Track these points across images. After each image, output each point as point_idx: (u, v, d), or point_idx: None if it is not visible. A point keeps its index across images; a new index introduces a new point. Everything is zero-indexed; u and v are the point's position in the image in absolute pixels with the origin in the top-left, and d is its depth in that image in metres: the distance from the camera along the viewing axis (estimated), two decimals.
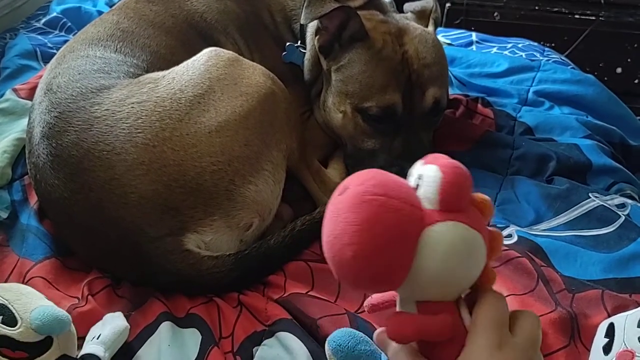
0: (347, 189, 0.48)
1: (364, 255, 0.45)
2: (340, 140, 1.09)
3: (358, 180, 0.48)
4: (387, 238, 0.45)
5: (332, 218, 0.48)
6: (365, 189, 0.47)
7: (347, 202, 0.47)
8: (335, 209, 0.48)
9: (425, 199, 0.48)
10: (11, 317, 0.63)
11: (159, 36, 1.04)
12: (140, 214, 0.79)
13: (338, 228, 0.46)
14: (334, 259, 0.47)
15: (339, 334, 0.62)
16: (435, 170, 0.48)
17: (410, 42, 1.02)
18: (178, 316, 0.78)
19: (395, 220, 0.46)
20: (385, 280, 0.48)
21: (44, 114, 0.88)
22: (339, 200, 0.48)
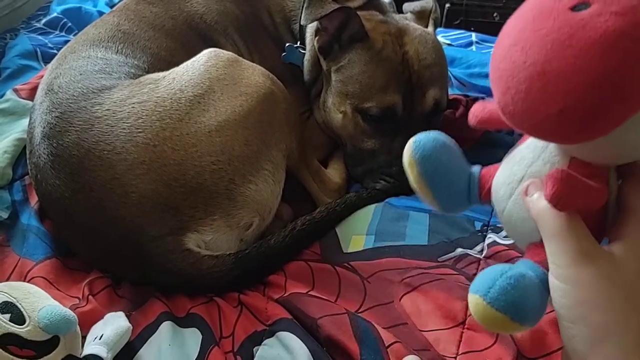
0: (591, 7, 0.35)
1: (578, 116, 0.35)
2: (340, 141, 1.09)
3: (615, 2, 0.35)
4: (622, 100, 0.35)
5: (556, 42, 0.35)
6: (625, 26, 0.34)
7: (590, 34, 0.34)
8: (561, 32, 0.35)
9: None
10: (19, 315, 0.63)
11: (159, 38, 1.05)
12: (141, 214, 0.79)
13: (558, 63, 0.34)
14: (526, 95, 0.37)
15: (429, 141, 0.50)
16: None
17: (410, 42, 1.02)
18: (178, 316, 0.79)
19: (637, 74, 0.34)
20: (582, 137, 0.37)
21: (45, 114, 0.88)
22: (572, 20, 0.35)
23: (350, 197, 0.96)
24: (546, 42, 0.36)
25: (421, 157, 0.48)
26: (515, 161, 0.47)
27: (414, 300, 0.79)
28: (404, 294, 0.79)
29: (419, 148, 0.49)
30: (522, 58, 0.37)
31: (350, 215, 0.93)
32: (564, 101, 0.35)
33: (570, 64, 0.35)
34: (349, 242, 0.89)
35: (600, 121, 0.36)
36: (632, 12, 0.34)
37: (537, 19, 0.37)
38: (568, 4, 0.36)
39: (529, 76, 0.36)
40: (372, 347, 0.71)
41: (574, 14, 0.35)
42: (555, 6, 0.36)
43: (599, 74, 0.34)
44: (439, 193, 0.50)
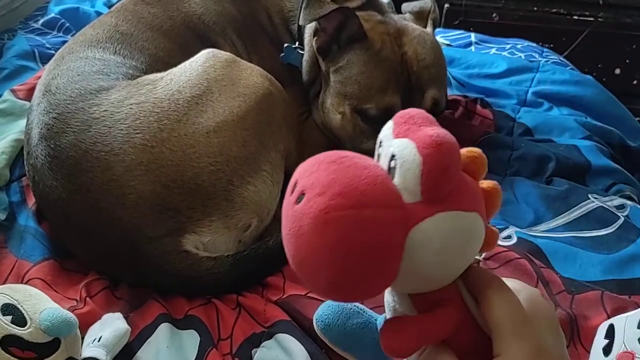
0: (304, 197, 0.37)
1: (340, 280, 0.37)
2: (338, 141, 1.09)
3: (317, 185, 0.37)
4: (366, 258, 0.37)
5: (292, 237, 0.38)
6: (328, 202, 0.36)
7: (308, 220, 0.37)
8: (293, 225, 0.38)
9: (404, 190, 0.38)
10: (21, 317, 0.63)
11: (157, 39, 1.04)
12: (139, 215, 0.79)
13: (303, 251, 0.38)
14: (307, 282, 0.39)
15: (326, 311, 0.51)
16: (413, 152, 0.38)
17: (409, 43, 1.02)
18: (176, 318, 0.78)
19: (373, 235, 0.37)
20: (368, 293, 0.40)
21: (43, 115, 0.88)
22: (296, 213, 0.38)
23: None
24: (291, 236, 0.38)
25: (324, 329, 0.50)
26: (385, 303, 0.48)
27: None
28: None
29: (320, 320, 0.50)
30: (289, 254, 0.39)
31: None
32: (325, 275, 0.37)
33: (309, 247, 0.37)
34: None
35: (366, 280, 0.37)
36: (329, 188, 0.37)
37: (284, 219, 0.40)
38: (293, 198, 0.38)
39: (296, 265, 0.39)
40: None
41: (295, 207, 0.38)
42: (288, 204, 0.39)
43: (331, 247, 0.36)
44: (357, 353, 0.50)
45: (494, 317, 0.42)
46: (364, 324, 0.51)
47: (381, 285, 0.40)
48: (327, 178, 0.37)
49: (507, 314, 0.42)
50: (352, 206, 0.36)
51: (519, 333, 0.42)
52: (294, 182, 0.39)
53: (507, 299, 0.43)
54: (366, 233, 0.36)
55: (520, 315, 0.43)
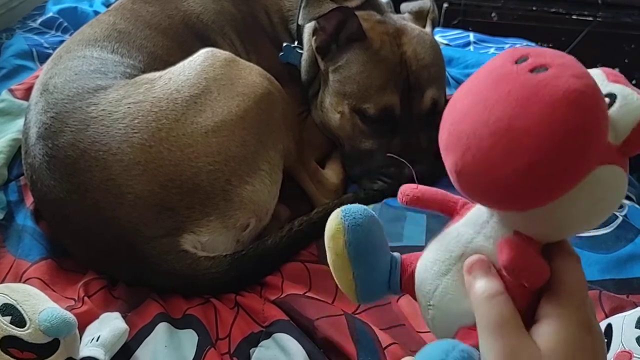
0: (549, 70, 0.36)
1: (545, 163, 0.35)
2: (337, 141, 1.09)
3: (569, 65, 0.37)
4: (579, 150, 0.35)
5: (513, 102, 0.36)
6: (584, 86, 0.35)
7: (553, 92, 0.35)
8: (522, 92, 0.36)
9: (612, 127, 0.39)
10: (20, 317, 0.63)
11: (156, 37, 1.04)
12: (137, 214, 0.79)
13: (523, 121, 0.35)
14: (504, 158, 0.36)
15: (360, 211, 0.47)
16: (636, 97, 0.39)
17: (409, 43, 1.02)
18: (174, 317, 0.78)
19: (597, 132, 0.36)
20: (539, 199, 0.37)
21: (40, 115, 0.88)
22: (533, 81, 0.36)
23: (348, 197, 0.96)
24: (510, 100, 0.36)
25: (351, 225, 0.45)
26: (451, 238, 0.46)
27: (411, 302, 0.78)
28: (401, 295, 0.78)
29: (350, 215, 0.46)
30: (484, 116, 0.37)
31: None
32: (531, 156, 0.35)
33: (536, 120, 0.35)
34: None
35: (562, 178, 0.36)
36: (586, 77, 0.36)
37: (497, 81, 0.38)
38: (526, 67, 0.37)
39: (494, 132, 0.36)
40: (369, 348, 0.71)
41: (534, 75, 0.36)
42: (514, 69, 0.37)
43: (564, 129, 0.35)
44: (360, 272, 0.46)
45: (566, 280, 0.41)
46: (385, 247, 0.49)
47: (560, 191, 0.37)
48: (576, 66, 0.37)
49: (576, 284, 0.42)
50: (599, 107, 0.36)
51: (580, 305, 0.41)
52: (523, 54, 0.38)
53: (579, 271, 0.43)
54: (598, 132, 0.36)
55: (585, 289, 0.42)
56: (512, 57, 0.38)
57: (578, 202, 0.39)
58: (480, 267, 0.43)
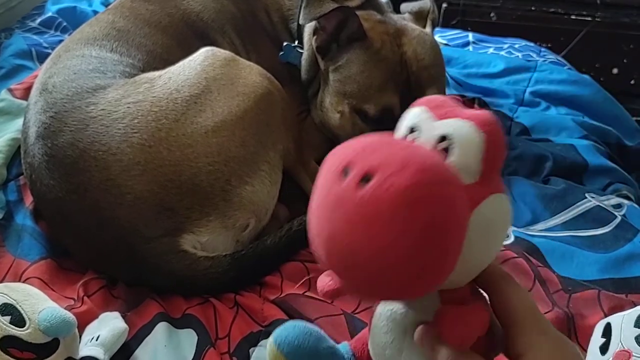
0: (375, 178, 0.33)
1: (425, 268, 0.34)
2: (337, 140, 1.09)
3: (389, 164, 0.33)
4: (448, 238, 0.34)
5: (364, 224, 0.33)
6: (410, 180, 0.32)
7: (387, 203, 0.32)
8: (364, 211, 0.33)
9: (463, 171, 0.36)
10: (19, 317, 0.63)
11: (155, 35, 1.04)
12: (136, 215, 0.79)
13: (380, 239, 0.33)
14: (382, 277, 0.34)
15: (291, 332, 0.46)
16: (473, 130, 0.36)
17: (409, 43, 1.02)
18: (174, 317, 0.78)
19: (455, 214, 0.34)
20: (431, 287, 0.37)
21: (39, 114, 0.88)
22: (368, 197, 0.33)
23: None
24: (352, 228, 0.34)
25: (289, 352, 0.44)
26: (386, 318, 0.44)
27: None
28: None
29: (285, 342, 0.45)
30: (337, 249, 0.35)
31: None
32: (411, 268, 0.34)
33: (390, 236, 0.33)
34: None
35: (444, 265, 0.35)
36: (405, 168, 0.33)
37: (334, 205, 0.35)
38: (353, 183, 0.34)
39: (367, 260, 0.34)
40: None
41: (360, 191, 0.33)
42: (346, 190, 0.34)
43: (420, 230, 0.33)
44: None
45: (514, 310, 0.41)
46: (333, 349, 0.48)
47: (448, 272, 0.36)
48: (398, 156, 0.34)
49: (527, 307, 0.41)
50: (437, 182, 0.33)
51: (541, 327, 0.41)
52: (344, 164, 0.34)
53: (523, 292, 0.42)
54: (451, 211, 0.34)
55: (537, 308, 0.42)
56: (337, 169, 0.35)
57: (477, 245, 0.37)
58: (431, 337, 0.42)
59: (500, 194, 0.38)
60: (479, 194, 0.37)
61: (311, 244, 0.38)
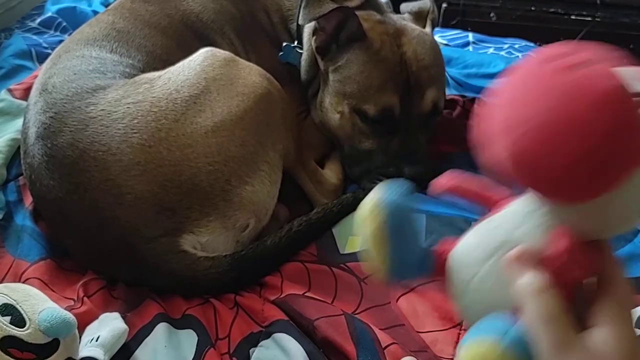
0: (594, 67, 0.38)
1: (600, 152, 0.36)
2: (337, 141, 1.09)
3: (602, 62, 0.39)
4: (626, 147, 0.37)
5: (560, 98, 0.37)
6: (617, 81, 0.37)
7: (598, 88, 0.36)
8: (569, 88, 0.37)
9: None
10: (20, 318, 0.63)
11: (155, 36, 1.04)
12: (136, 215, 0.79)
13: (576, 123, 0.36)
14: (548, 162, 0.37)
15: (401, 188, 0.46)
16: None
17: (409, 43, 1.02)
18: (174, 317, 0.78)
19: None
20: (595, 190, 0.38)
21: (39, 114, 0.88)
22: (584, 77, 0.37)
23: (347, 197, 0.95)
24: (555, 93, 0.37)
25: (390, 205, 0.44)
26: (492, 227, 0.45)
27: (411, 302, 0.79)
28: (400, 295, 0.78)
29: (389, 195, 0.45)
30: (532, 111, 0.38)
31: (347, 216, 0.93)
32: (581, 145, 0.36)
33: (584, 111, 0.36)
34: (346, 242, 0.89)
35: (615, 165, 0.37)
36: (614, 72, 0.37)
37: (539, 79, 0.39)
38: (567, 63, 0.39)
39: (552, 121, 0.37)
40: (369, 348, 0.71)
41: (577, 71, 0.38)
42: (554, 66, 0.39)
43: (613, 122, 0.36)
44: (394, 253, 0.45)
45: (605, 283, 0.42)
46: (419, 232, 0.48)
47: (609, 184, 0.38)
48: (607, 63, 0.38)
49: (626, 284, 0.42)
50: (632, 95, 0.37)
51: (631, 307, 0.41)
52: (563, 52, 0.39)
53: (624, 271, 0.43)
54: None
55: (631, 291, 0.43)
56: (550, 58, 0.40)
57: (628, 199, 0.39)
58: (527, 259, 0.42)
59: None
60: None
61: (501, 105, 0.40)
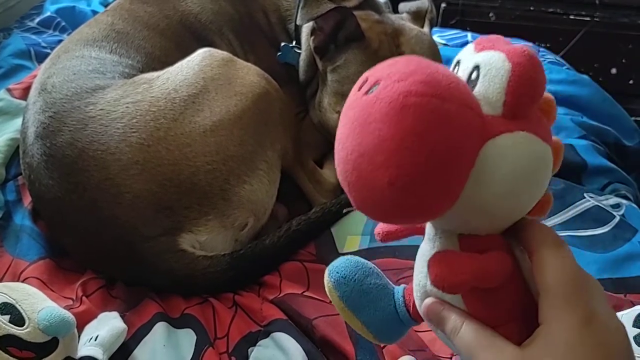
0: (379, 85, 0.35)
1: (405, 180, 0.34)
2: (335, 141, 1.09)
3: (396, 72, 0.35)
4: (437, 157, 0.34)
5: (357, 127, 0.35)
6: (408, 87, 0.33)
7: (381, 105, 0.34)
8: (361, 115, 0.35)
9: (485, 101, 0.37)
10: (19, 316, 0.63)
11: (154, 37, 1.04)
12: (135, 214, 0.79)
13: (366, 142, 0.34)
14: (358, 183, 0.36)
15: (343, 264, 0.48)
16: (501, 59, 0.36)
17: (407, 43, 1.02)
18: (173, 316, 0.78)
19: (449, 132, 0.34)
20: (427, 210, 0.36)
21: (38, 114, 0.88)
22: (367, 102, 0.35)
23: (346, 197, 0.95)
24: (354, 127, 0.36)
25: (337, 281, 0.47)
26: (419, 257, 0.46)
27: None
28: None
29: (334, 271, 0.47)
30: (345, 152, 0.37)
31: (346, 216, 0.93)
32: (387, 171, 0.34)
33: (377, 137, 0.34)
34: (345, 242, 0.89)
35: (432, 185, 0.35)
36: (411, 76, 0.35)
37: (345, 115, 0.38)
38: (363, 91, 0.36)
39: (355, 161, 0.36)
40: (368, 347, 0.71)
41: (367, 96, 0.36)
42: (355, 98, 0.37)
43: (402, 135, 0.34)
44: (365, 317, 0.47)
45: (546, 278, 0.39)
46: (382, 286, 0.49)
47: (444, 200, 0.36)
48: (408, 68, 0.35)
49: (561, 277, 0.39)
50: (434, 95, 0.34)
51: (570, 299, 0.38)
52: (364, 79, 0.37)
53: (563, 260, 0.40)
54: (444, 126, 0.34)
55: (575, 280, 0.39)
56: (358, 84, 0.38)
57: (490, 182, 0.36)
58: (434, 311, 0.43)
59: (531, 134, 0.37)
60: (499, 126, 0.36)
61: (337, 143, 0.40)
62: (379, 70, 0.36)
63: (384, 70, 0.36)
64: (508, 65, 0.36)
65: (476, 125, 0.35)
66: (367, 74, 0.37)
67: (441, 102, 0.34)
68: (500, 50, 0.37)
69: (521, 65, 0.35)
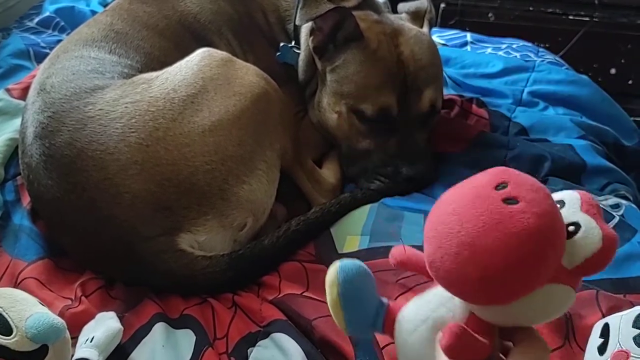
0: (520, 204, 0.43)
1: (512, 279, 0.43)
2: (334, 140, 1.09)
3: (535, 205, 0.43)
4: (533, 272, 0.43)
5: (494, 227, 0.43)
6: (541, 225, 0.43)
7: (521, 227, 0.42)
8: (500, 219, 0.43)
9: (568, 253, 0.45)
10: (6, 325, 0.61)
11: (153, 38, 1.04)
12: (134, 214, 0.79)
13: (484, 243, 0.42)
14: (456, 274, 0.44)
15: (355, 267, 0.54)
16: (599, 234, 0.45)
17: (406, 43, 1.02)
18: (172, 317, 0.78)
19: (547, 264, 0.43)
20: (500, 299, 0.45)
21: (37, 114, 0.88)
22: (508, 213, 0.43)
23: (345, 197, 0.96)
24: (480, 220, 0.43)
25: (344, 280, 0.53)
26: (423, 302, 0.54)
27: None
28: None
29: (344, 271, 0.53)
30: (457, 227, 0.44)
31: (345, 216, 0.93)
32: (484, 271, 0.43)
33: (495, 244, 0.42)
34: (344, 242, 0.89)
35: (507, 292, 0.44)
36: (549, 215, 0.44)
37: (475, 201, 0.45)
38: (501, 196, 0.44)
39: (461, 243, 0.43)
40: (367, 348, 0.71)
41: (505, 206, 0.43)
42: (491, 195, 0.45)
43: (515, 258, 0.42)
44: (349, 316, 0.54)
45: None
46: (374, 296, 0.55)
47: (505, 300, 0.45)
48: (544, 203, 0.44)
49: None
50: (552, 237, 0.43)
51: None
52: (500, 181, 0.45)
53: (540, 354, 0.48)
54: (543, 258, 0.43)
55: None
56: (494, 181, 0.46)
57: (529, 307, 0.46)
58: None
59: (573, 290, 0.46)
60: (563, 277, 0.45)
61: (435, 214, 0.47)
62: (520, 188, 0.44)
63: (527, 193, 0.44)
64: (601, 243, 0.44)
65: (556, 264, 0.44)
66: (508, 178, 0.46)
67: (549, 248, 0.43)
68: (600, 225, 0.46)
69: (610, 250, 0.45)
